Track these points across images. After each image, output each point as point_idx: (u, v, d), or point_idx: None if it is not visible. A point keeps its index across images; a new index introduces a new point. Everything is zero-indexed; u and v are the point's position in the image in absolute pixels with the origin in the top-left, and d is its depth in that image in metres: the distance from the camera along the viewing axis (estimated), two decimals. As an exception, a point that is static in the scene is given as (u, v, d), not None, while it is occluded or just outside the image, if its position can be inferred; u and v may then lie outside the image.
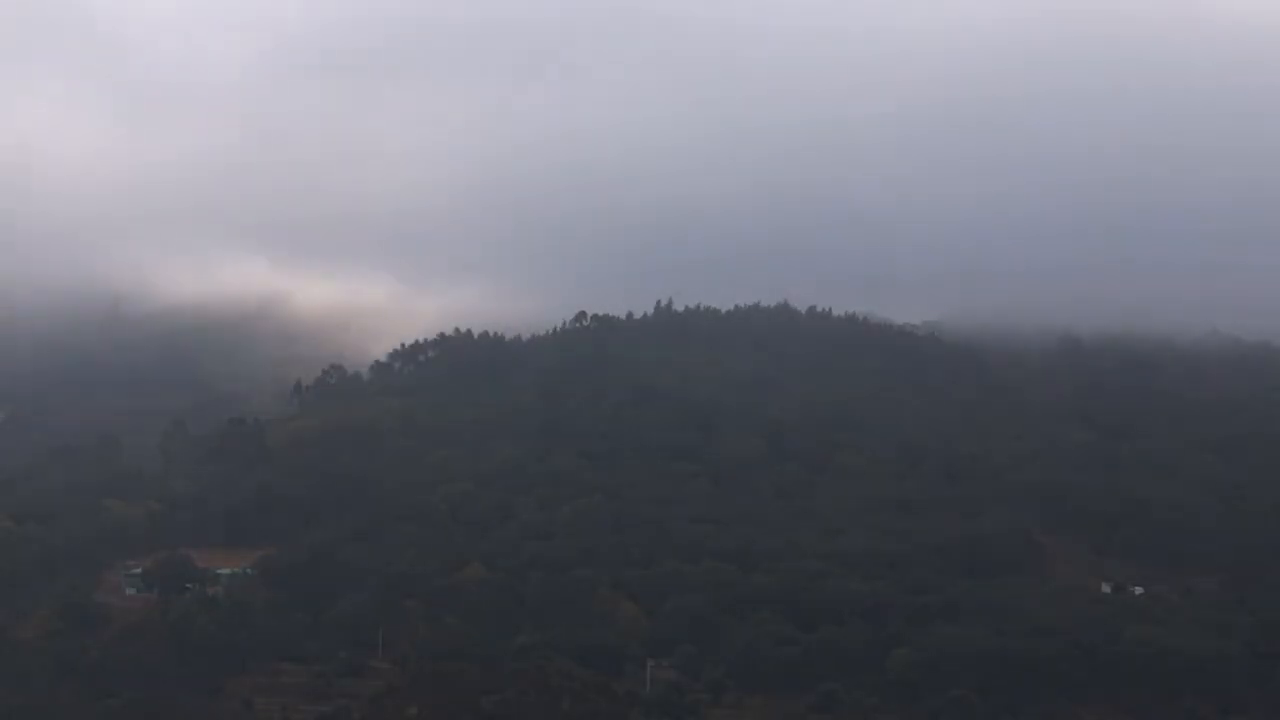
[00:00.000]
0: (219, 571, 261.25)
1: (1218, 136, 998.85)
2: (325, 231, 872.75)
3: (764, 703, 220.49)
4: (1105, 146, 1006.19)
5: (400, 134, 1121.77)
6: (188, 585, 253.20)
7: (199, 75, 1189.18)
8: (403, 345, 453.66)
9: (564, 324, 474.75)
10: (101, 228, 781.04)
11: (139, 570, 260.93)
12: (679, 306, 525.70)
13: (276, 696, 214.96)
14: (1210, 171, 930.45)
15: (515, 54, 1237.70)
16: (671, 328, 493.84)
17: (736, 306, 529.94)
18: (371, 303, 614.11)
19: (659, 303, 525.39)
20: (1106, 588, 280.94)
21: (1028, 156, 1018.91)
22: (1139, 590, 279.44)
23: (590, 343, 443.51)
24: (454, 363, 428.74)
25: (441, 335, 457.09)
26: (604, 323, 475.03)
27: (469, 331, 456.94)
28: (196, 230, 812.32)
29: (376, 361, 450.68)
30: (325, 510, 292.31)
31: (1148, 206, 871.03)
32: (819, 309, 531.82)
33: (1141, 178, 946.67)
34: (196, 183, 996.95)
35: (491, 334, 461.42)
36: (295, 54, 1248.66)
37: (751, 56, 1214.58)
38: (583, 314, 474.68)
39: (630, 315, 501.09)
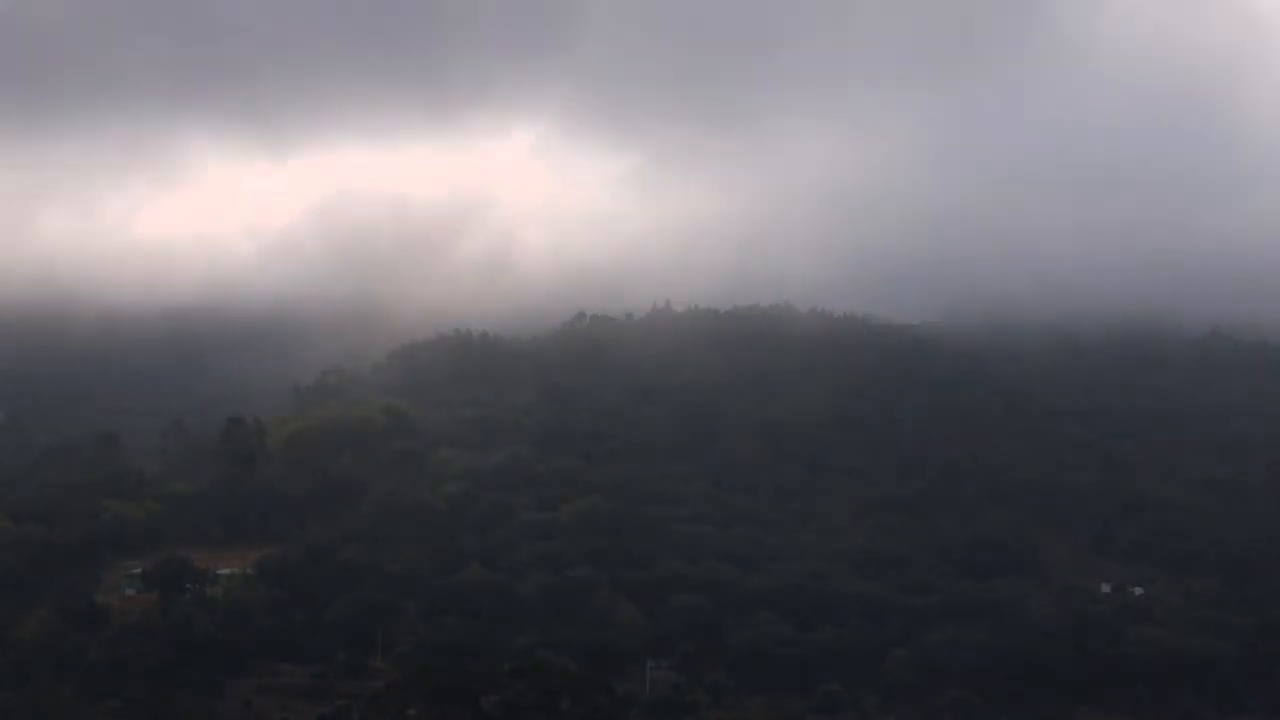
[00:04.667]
0: (219, 571, 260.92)
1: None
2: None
3: (764, 703, 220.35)
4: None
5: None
6: (187, 585, 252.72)
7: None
8: (402, 345, 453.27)
9: (564, 324, 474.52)
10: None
11: (139, 570, 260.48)
12: (679, 306, 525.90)
13: (276, 697, 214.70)
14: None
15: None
16: (671, 328, 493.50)
17: (736, 307, 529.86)
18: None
19: (658, 303, 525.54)
20: (1106, 588, 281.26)
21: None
22: (1139, 590, 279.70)
23: (590, 343, 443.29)
24: (453, 363, 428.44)
25: (440, 335, 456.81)
26: (604, 323, 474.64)
27: (469, 331, 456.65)
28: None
29: (376, 362, 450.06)
30: (325, 510, 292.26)
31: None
32: (819, 309, 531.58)
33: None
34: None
35: (491, 334, 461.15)
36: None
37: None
38: (582, 314, 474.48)
39: (630, 315, 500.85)
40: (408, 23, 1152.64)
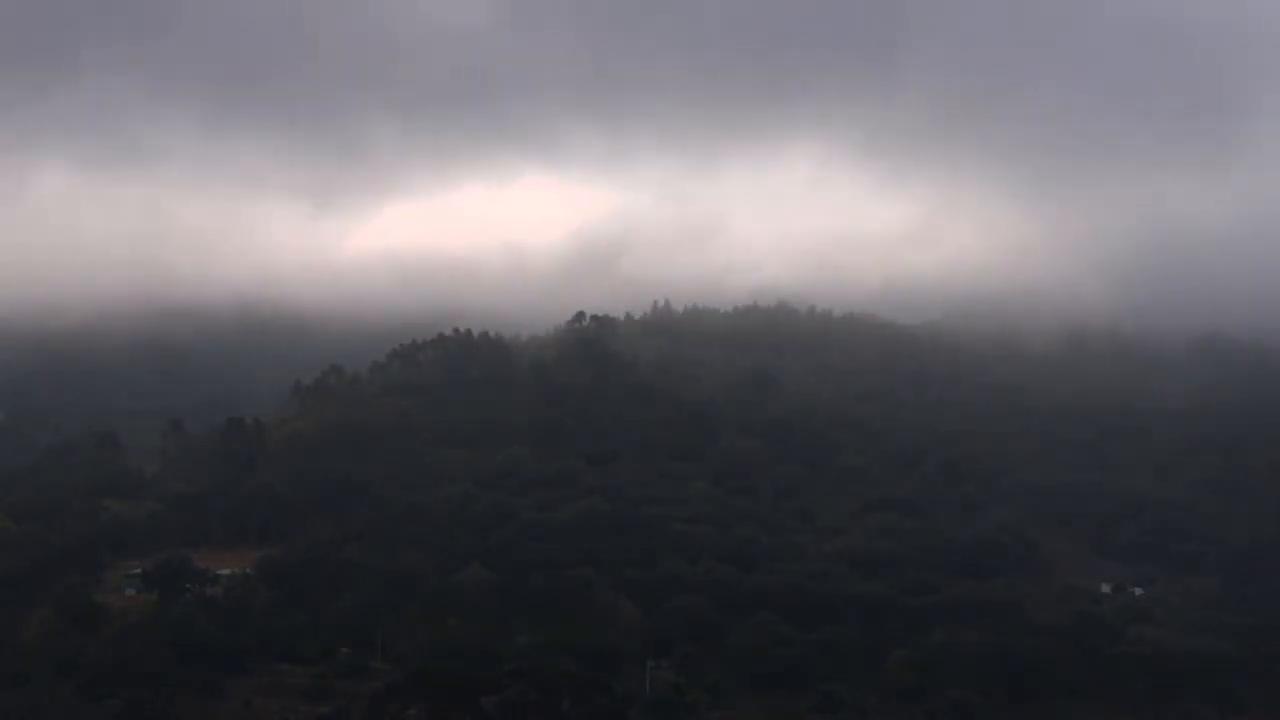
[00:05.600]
0: (219, 572, 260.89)
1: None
2: None
3: (764, 703, 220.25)
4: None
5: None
6: (187, 585, 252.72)
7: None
8: (401, 345, 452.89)
9: (563, 324, 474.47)
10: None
11: (139, 570, 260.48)
12: (679, 307, 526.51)
13: (276, 696, 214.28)
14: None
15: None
16: (671, 328, 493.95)
17: (736, 307, 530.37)
18: None
19: (658, 303, 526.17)
20: (1106, 588, 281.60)
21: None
22: (1139, 590, 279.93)
23: (590, 343, 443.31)
24: (453, 363, 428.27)
25: (440, 335, 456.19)
26: (604, 323, 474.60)
27: (468, 332, 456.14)
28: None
29: (376, 362, 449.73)
30: (325, 510, 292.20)
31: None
32: (819, 309, 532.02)
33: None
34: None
35: (491, 334, 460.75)
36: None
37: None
38: (581, 314, 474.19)
39: (630, 315, 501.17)
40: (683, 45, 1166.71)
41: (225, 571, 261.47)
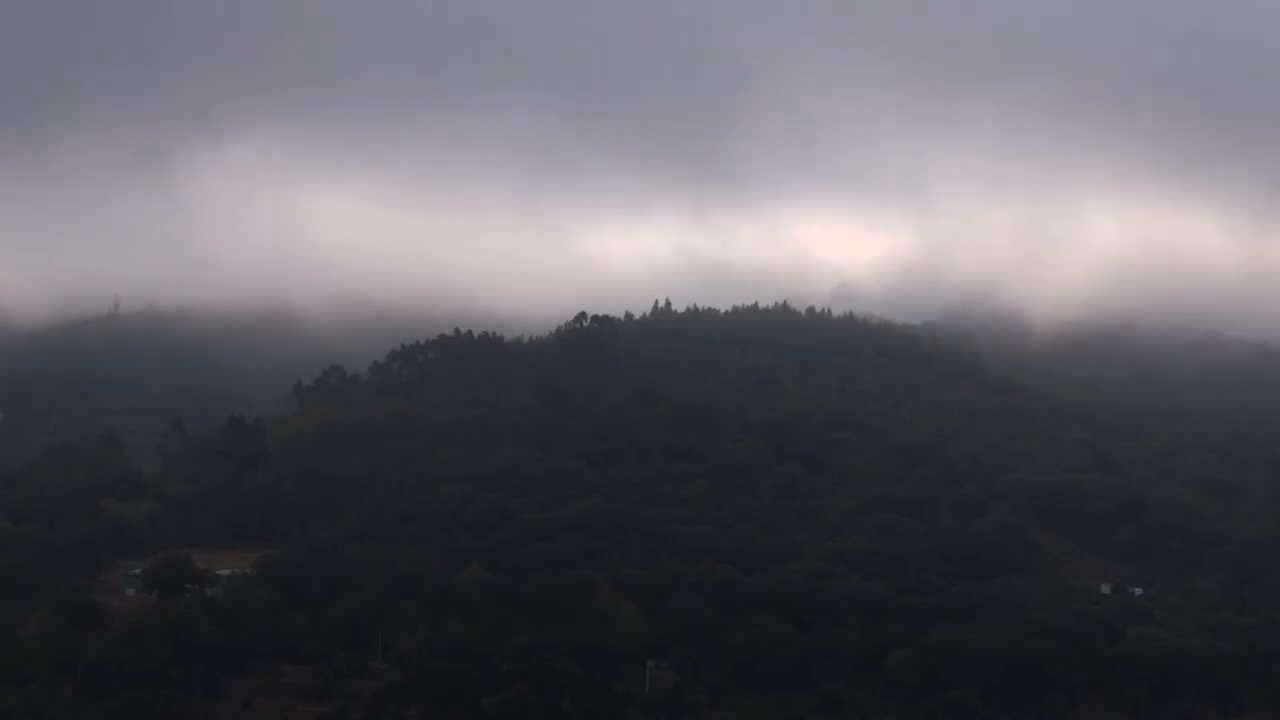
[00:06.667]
0: (219, 572, 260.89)
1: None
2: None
3: (764, 703, 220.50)
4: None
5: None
6: (187, 585, 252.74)
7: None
8: (402, 345, 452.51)
9: (564, 324, 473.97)
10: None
11: (139, 570, 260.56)
12: (679, 307, 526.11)
13: (276, 697, 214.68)
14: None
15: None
16: (671, 328, 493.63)
17: (736, 307, 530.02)
18: None
19: (658, 303, 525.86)
20: (1106, 588, 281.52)
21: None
22: (1139, 590, 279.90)
23: (590, 343, 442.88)
24: (454, 363, 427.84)
25: (441, 336, 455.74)
26: (604, 323, 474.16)
27: (469, 332, 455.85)
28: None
29: (376, 362, 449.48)
30: (325, 510, 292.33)
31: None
32: (819, 309, 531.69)
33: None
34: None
35: (491, 334, 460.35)
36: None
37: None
38: (582, 314, 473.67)
39: (630, 315, 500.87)
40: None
41: (225, 571, 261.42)
